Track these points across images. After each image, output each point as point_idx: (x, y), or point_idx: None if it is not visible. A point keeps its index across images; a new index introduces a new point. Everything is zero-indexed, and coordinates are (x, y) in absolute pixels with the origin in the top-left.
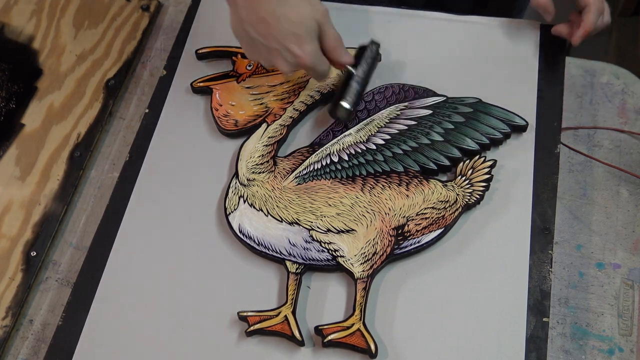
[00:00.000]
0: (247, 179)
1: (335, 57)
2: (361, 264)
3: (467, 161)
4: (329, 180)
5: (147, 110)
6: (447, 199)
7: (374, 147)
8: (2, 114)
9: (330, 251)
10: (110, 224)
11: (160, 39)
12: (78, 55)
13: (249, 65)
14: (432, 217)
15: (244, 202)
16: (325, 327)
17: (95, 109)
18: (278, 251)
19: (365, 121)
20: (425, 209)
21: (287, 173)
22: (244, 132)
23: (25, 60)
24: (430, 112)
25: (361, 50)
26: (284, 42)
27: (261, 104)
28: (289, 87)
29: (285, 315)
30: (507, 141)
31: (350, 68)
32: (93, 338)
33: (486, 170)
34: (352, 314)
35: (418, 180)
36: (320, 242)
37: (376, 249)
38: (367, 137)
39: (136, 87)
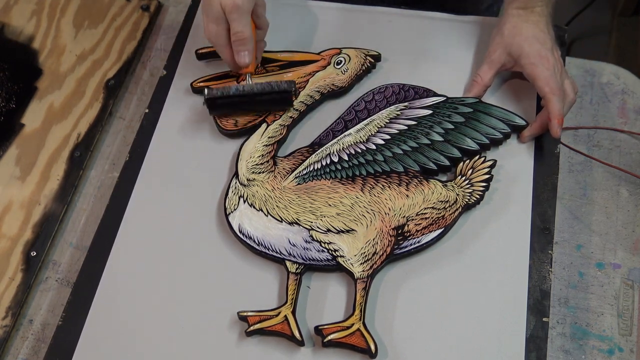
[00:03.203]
0: (247, 179)
1: (234, 54)
2: (361, 264)
3: (467, 161)
4: (329, 180)
5: (147, 110)
6: (447, 199)
7: (374, 147)
8: (2, 114)
9: (330, 251)
10: (110, 224)
11: (160, 39)
12: (78, 55)
13: None
14: (432, 217)
15: (244, 202)
16: (325, 327)
17: (95, 109)
18: (278, 251)
19: (365, 121)
20: (425, 209)
21: (287, 173)
22: (244, 132)
23: (25, 60)
24: (430, 112)
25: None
26: (203, 13)
27: None
28: None
29: (285, 315)
30: (507, 141)
31: (248, 77)
32: (93, 338)
33: (486, 170)
34: (352, 314)
35: (418, 180)
36: (320, 242)
37: (376, 249)
38: (367, 137)
39: (136, 87)
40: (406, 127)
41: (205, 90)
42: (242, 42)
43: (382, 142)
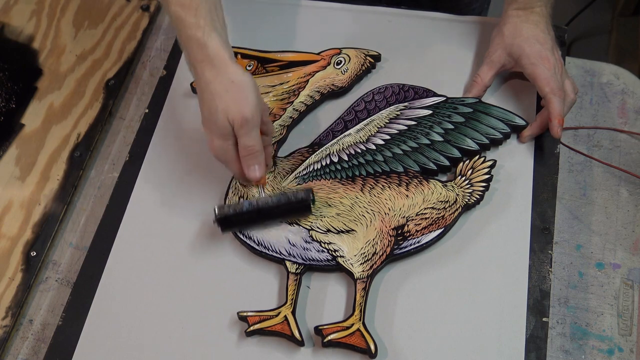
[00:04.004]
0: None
1: (243, 168)
2: (361, 264)
3: (467, 161)
4: (329, 180)
5: (147, 110)
6: (447, 199)
7: (373, 147)
8: (2, 114)
9: (330, 251)
10: (110, 224)
11: (160, 39)
12: (78, 55)
13: (249, 66)
14: (431, 217)
15: None
16: (325, 327)
17: (95, 109)
18: (278, 251)
19: (365, 121)
20: (425, 209)
21: (287, 173)
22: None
23: (25, 60)
24: (430, 112)
25: (293, 190)
26: (204, 125)
27: None
28: (289, 87)
29: (285, 316)
30: (507, 141)
31: (261, 189)
32: (93, 338)
33: (486, 170)
34: (352, 314)
35: (418, 181)
36: (320, 242)
37: (376, 249)
38: (367, 138)
39: (136, 87)
40: (406, 127)
41: (216, 209)
42: (254, 156)
43: (382, 143)
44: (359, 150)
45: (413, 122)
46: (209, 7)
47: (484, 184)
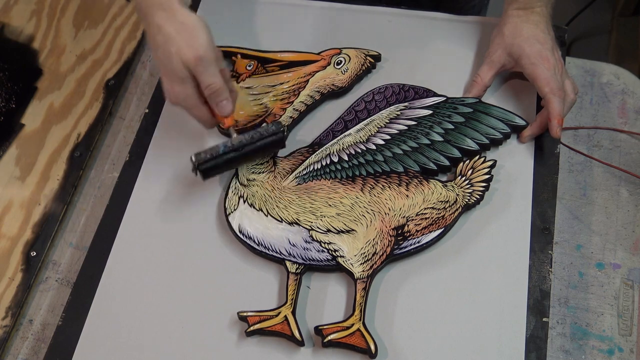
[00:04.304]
0: (247, 179)
1: (211, 107)
2: (361, 264)
3: (467, 161)
4: (329, 180)
5: (147, 110)
6: (447, 199)
7: (373, 147)
8: (2, 114)
9: (330, 251)
10: (110, 224)
11: None
12: (78, 55)
13: (249, 66)
14: (432, 218)
15: (244, 202)
16: (325, 327)
17: (95, 109)
18: (278, 251)
19: (365, 121)
20: (425, 209)
21: (287, 173)
22: (244, 131)
23: (25, 60)
24: (430, 112)
25: (266, 124)
26: (161, 73)
27: (261, 104)
28: (289, 87)
29: (285, 316)
30: (507, 141)
31: (232, 131)
32: (93, 338)
33: (486, 170)
34: (352, 314)
35: (418, 181)
36: (320, 242)
37: (376, 249)
38: (367, 137)
39: (136, 87)
40: (406, 127)
41: (193, 156)
42: (219, 92)
43: (382, 142)
44: (359, 150)
45: (413, 122)
46: None
47: (484, 184)
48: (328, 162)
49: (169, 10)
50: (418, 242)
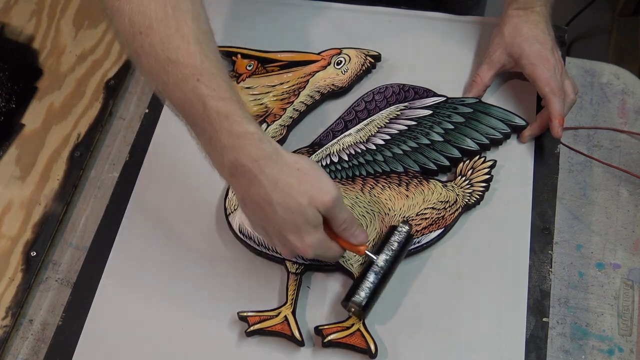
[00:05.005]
0: None
1: (344, 241)
2: (361, 264)
3: (467, 161)
4: None
5: (147, 110)
6: (447, 199)
7: (373, 147)
8: (2, 114)
9: None
10: (110, 224)
11: None
12: (78, 55)
13: (249, 66)
14: (432, 218)
15: None
16: (325, 327)
17: (95, 109)
18: (278, 251)
19: (365, 121)
20: (425, 209)
21: None
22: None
23: (25, 60)
24: (430, 112)
25: (390, 231)
26: (283, 231)
27: (261, 104)
28: (289, 87)
29: (285, 316)
30: (507, 141)
31: (370, 255)
32: (93, 338)
33: (486, 170)
34: None
35: (418, 181)
36: None
37: None
38: (367, 138)
39: (136, 87)
40: (406, 127)
41: (355, 298)
42: (353, 223)
43: (382, 143)
44: (359, 150)
45: (413, 122)
46: (235, 90)
47: (484, 184)
48: (328, 162)
49: (278, 160)
50: (418, 242)
